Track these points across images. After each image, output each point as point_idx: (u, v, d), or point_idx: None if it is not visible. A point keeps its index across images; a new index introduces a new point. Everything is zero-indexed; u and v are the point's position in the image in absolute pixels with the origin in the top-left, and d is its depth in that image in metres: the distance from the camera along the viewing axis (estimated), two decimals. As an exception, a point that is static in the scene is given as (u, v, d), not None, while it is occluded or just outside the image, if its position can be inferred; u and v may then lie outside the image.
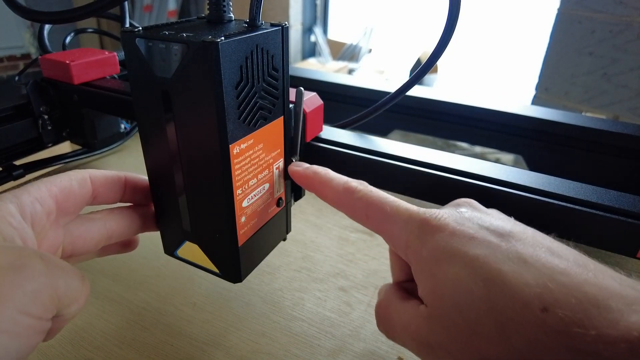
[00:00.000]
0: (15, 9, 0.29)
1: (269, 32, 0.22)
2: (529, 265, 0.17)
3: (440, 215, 0.20)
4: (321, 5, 2.58)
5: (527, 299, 0.16)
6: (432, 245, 0.20)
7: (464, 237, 0.19)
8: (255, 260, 0.28)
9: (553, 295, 0.16)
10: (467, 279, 0.18)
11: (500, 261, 0.17)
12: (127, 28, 0.21)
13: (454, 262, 0.18)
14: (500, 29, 2.30)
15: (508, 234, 0.19)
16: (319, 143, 0.31)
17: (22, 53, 2.59)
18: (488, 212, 0.21)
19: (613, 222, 0.24)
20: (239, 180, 0.23)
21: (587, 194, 0.25)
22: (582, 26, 1.19)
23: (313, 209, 0.45)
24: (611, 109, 1.21)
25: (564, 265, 0.17)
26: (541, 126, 0.42)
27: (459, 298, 0.18)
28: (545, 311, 0.16)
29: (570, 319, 0.15)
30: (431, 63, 0.29)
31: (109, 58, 0.45)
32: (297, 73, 0.54)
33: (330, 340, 0.30)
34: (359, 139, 0.32)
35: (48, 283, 0.17)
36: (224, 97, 0.20)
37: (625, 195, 0.25)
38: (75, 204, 0.24)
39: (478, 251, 0.18)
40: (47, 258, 0.18)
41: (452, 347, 0.18)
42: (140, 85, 0.22)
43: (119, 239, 0.26)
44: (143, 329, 0.30)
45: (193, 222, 0.26)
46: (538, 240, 0.19)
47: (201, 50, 0.19)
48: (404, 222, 0.21)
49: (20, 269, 0.17)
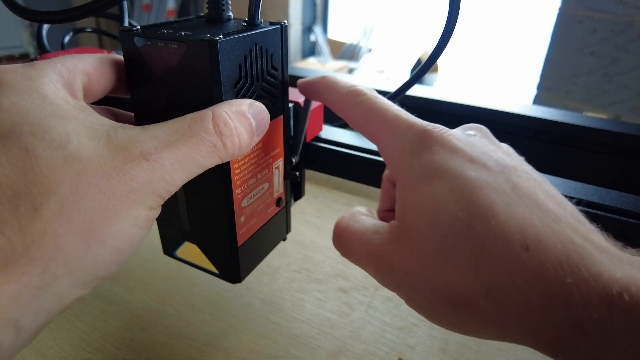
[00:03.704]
0: (14, 9, 0.29)
1: (268, 30, 0.22)
2: (522, 201, 0.16)
3: (444, 130, 0.19)
4: (321, 4, 2.57)
5: (510, 234, 0.15)
6: (426, 159, 0.18)
7: (462, 158, 0.17)
8: (254, 261, 0.28)
9: (538, 235, 0.15)
10: (451, 199, 0.16)
11: (492, 189, 0.16)
12: (126, 27, 0.21)
13: (444, 180, 0.17)
14: (501, 29, 2.30)
15: (511, 167, 0.17)
16: (319, 143, 0.31)
17: (20, 53, 2.58)
18: (498, 143, 0.20)
19: (613, 222, 0.24)
20: (238, 179, 0.23)
21: (587, 194, 0.25)
22: (583, 26, 1.19)
23: (313, 210, 0.45)
24: (612, 108, 1.21)
25: (559, 212, 0.16)
26: (542, 126, 0.42)
27: (437, 218, 0.16)
28: (527, 250, 0.14)
29: (551, 264, 0.14)
30: (431, 62, 0.29)
31: (108, 58, 0.45)
32: (297, 72, 0.54)
33: (331, 341, 0.30)
34: (359, 138, 0.32)
35: (163, 177, 0.17)
36: (223, 96, 0.20)
37: (626, 195, 0.25)
38: (103, 89, 0.21)
39: (472, 174, 0.17)
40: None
41: (415, 269, 0.17)
42: (138, 84, 0.22)
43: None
44: (142, 330, 0.30)
45: (192, 222, 0.25)
46: (540, 183, 0.17)
47: (200, 48, 0.19)
48: (403, 130, 0.20)
49: (147, 161, 0.16)
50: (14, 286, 0.14)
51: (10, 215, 0.14)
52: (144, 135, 0.17)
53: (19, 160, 0.14)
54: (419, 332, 0.31)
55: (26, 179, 0.14)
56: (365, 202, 0.47)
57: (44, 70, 0.18)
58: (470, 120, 0.23)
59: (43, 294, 0.14)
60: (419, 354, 0.29)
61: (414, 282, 0.17)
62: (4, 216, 0.14)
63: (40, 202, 0.14)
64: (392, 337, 0.30)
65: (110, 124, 0.17)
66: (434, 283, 0.16)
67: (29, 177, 0.14)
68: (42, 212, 0.14)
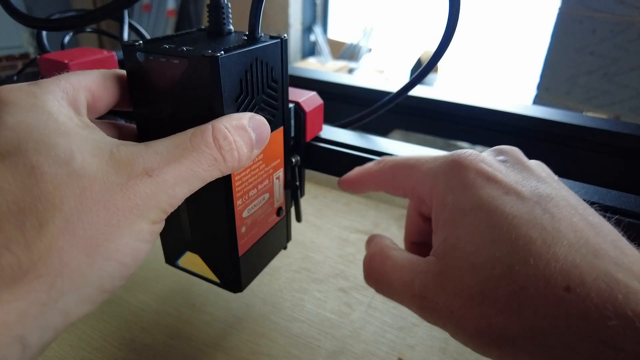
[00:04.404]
0: (15, 16, 0.29)
1: (268, 45, 0.22)
2: (562, 236, 0.15)
3: (474, 156, 0.18)
4: (321, 4, 2.57)
5: (551, 274, 0.15)
6: (460, 191, 0.18)
7: (497, 189, 0.17)
8: (255, 270, 0.29)
9: (581, 275, 0.14)
10: (489, 239, 0.16)
11: (530, 226, 0.16)
12: (128, 42, 0.21)
13: (480, 217, 0.17)
14: (501, 29, 2.30)
15: (546, 196, 0.17)
16: (318, 143, 0.31)
17: (20, 53, 2.58)
18: (531, 166, 0.19)
19: (613, 222, 0.24)
20: (239, 191, 0.23)
21: (587, 194, 0.25)
22: (583, 26, 1.19)
23: (313, 209, 0.45)
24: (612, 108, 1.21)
25: (599, 244, 0.15)
26: (542, 126, 0.42)
27: (478, 259, 0.16)
28: (568, 291, 0.14)
29: (595, 305, 0.14)
30: (432, 64, 0.29)
31: (108, 58, 0.45)
32: (297, 72, 0.54)
33: (331, 341, 0.30)
34: (359, 138, 0.32)
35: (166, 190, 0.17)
36: (225, 110, 0.20)
37: (626, 195, 0.25)
38: (107, 105, 0.21)
39: (508, 209, 0.16)
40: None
41: (459, 309, 0.16)
42: (141, 99, 0.23)
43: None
44: (142, 330, 0.30)
45: (194, 233, 0.26)
46: (577, 209, 0.17)
47: (201, 64, 0.19)
48: (430, 164, 0.20)
49: (150, 177, 0.16)
50: (21, 303, 0.14)
51: (17, 232, 0.14)
52: (147, 151, 0.17)
53: (24, 177, 0.15)
54: (419, 332, 0.31)
55: (32, 195, 0.14)
56: (365, 202, 0.47)
57: (49, 88, 0.18)
58: (470, 120, 0.22)
59: (49, 310, 0.15)
60: (419, 354, 0.29)
61: (459, 322, 0.17)
62: (11, 233, 0.14)
63: (45, 218, 0.14)
64: (392, 337, 0.30)
65: (113, 142, 0.17)
66: (479, 324, 0.16)
67: (35, 193, 0.14)
68: (47, 228, 0.14)
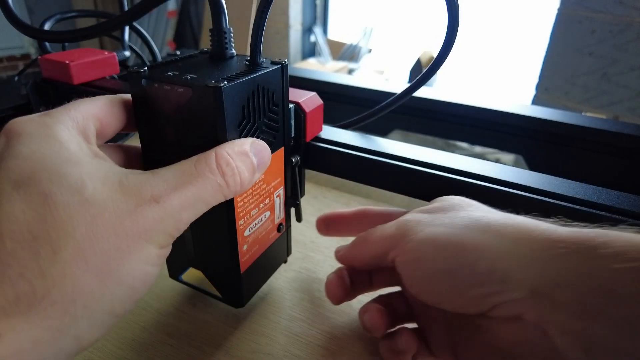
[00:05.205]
0: (18, 27, 0.30)
1: (269, 71, 0.23)
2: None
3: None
4: (321, 5, 2.57)
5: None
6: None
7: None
8: (256, 285, 0.29)
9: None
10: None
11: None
12: (134, 69, 0.21)
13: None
14: (501, 29, 2.30)
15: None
16: (318, 143, 0.31)
17: (21, 53, 2.59)
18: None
19: (613, 222, 0.24)
20: (241, 211, 0.24)
21: (587, 194, 0.25)
22: (582, 26, 1.19)
23: (313, 209, 0.45)
24: (611, 108, 1.21)
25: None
26: (541, 126, 0.42)
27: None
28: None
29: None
30: (434, 70, 0.30)
31: (109, 58, 0.45)
32: (297, 73, 0.54)
33: (331, 340, 0.30)
34: (359, 138, 0.32)
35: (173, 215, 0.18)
36: (228, 137, 0.21)
37: (626, 195, 0.25)
38: (114, 130, 0.22)
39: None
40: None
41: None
42: (146, 124, 0.23)
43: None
44: (143, 329, 0.30)
45: (197, 251, 0.26)
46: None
47: (205, 94, 0.20)
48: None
49: (157, 203, 0.17)
50: (36, 331, 0.14)
51: (31, 260, 0.14)
52: (154, 179, 0.18)
53: (38, 205, 0.15)
54: (419, 331, 0.31)
55: (45, 223, 0.15)
56: (365, 202, 0.47)
57: (60, 118, 0.19)
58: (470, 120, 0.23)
59: (63, 337, 0.15)
60: (418, 353, 0.29)
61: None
62: (25, 260, 0.14)
63: (59, 246, 0.15)
64: (392, 337, 0.30)
65: (122, 170, 0.18)
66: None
67: (48, 221, 0.15)
68: (61, 255, 0.15)
